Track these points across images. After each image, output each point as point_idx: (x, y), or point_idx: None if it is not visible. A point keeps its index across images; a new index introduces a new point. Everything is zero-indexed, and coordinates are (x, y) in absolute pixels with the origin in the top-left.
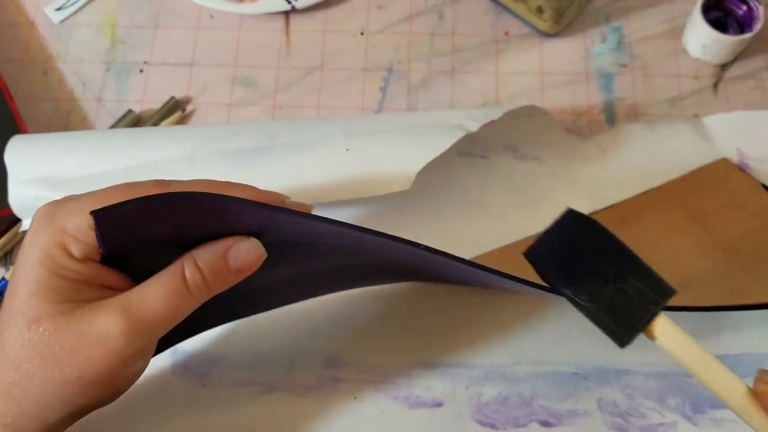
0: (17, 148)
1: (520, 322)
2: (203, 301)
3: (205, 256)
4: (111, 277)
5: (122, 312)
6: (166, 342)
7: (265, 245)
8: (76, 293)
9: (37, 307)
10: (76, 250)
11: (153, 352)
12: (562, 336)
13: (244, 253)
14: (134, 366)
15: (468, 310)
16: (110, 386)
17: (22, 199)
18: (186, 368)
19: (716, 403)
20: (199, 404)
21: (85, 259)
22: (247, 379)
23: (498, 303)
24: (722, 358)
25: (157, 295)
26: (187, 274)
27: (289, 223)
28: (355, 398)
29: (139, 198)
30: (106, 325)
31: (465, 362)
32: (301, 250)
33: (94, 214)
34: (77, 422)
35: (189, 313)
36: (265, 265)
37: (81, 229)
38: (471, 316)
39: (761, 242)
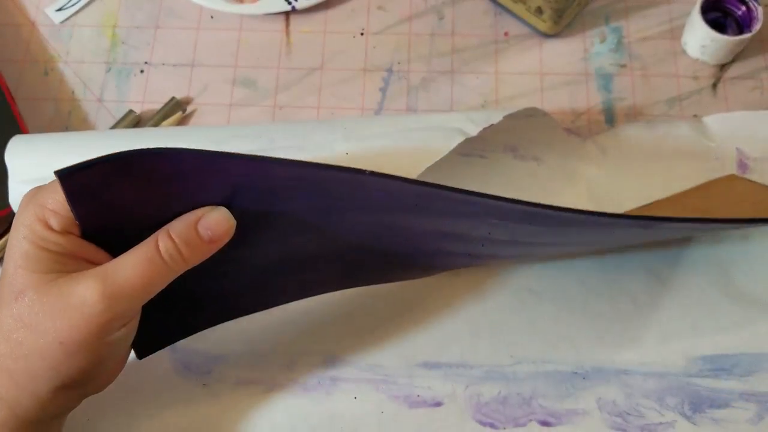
0: (18, 148)
1: (519, 322)
2: (180, 272)
3: (177, 227)
4: (93, 251)
5: (100, 279)
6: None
7: (237, 217)
8: (58, 265)
9: (23, 278)
10: (55, 222)
11: (135, 324)
12: (562, 336)
13: (214, 222)
14: (114, 334)
15: (468, 310)
16: (92, 354)
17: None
18: (186, 367)
19: (715, 402)
20: (199, 403)
21: (64, 232)
22: (248, 379)
23: (498, 303)
24: (721, 358)
25: (133, 263)
26: (161, 245)
27: (251, 178)
28: (355, 398)
29: (99, 157)
30: (85, 291)
31: (465, 362)
32: (276, 224)
33: (58, 173)
34: (78, 420)
35: (166, 283)
36: (246, 243)
37: (59, 204)
38: (471, 316)
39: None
